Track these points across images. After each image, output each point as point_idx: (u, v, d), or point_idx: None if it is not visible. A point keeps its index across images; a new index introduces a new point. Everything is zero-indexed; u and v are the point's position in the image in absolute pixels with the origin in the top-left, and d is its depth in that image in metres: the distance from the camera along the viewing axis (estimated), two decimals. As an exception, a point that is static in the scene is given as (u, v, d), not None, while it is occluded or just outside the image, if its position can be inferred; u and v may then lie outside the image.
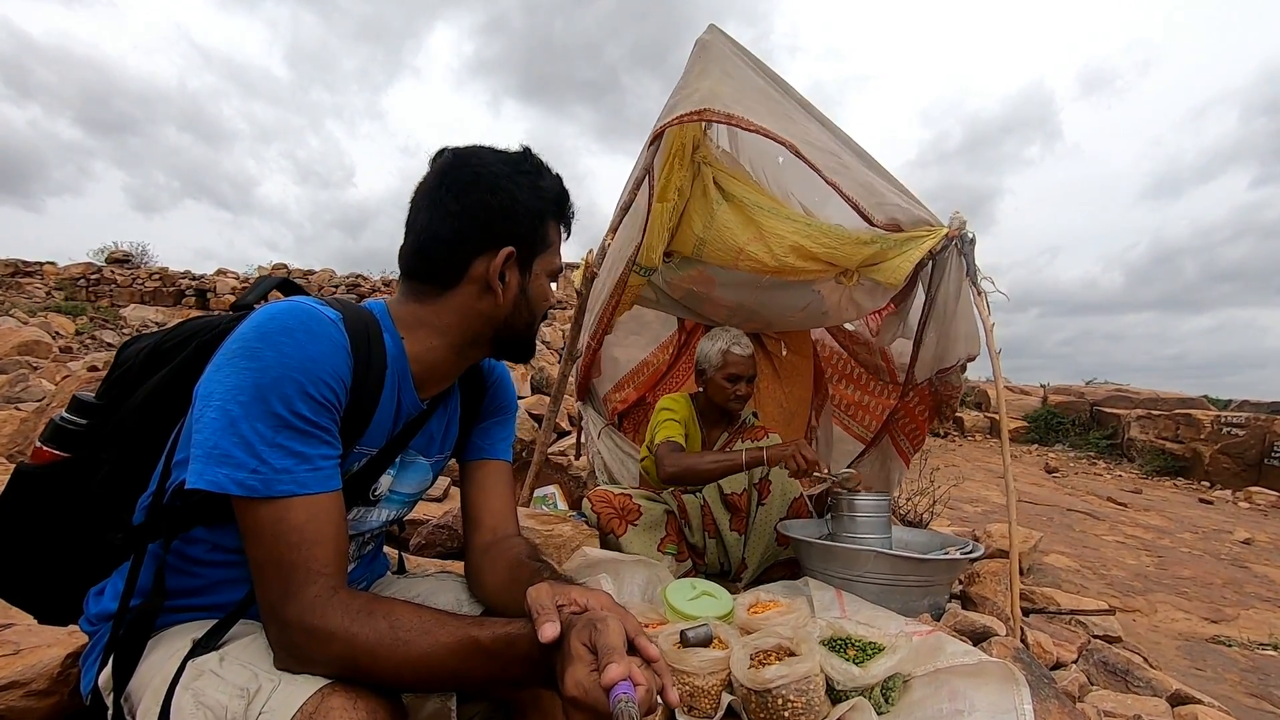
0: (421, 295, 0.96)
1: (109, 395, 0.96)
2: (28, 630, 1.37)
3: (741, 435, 2.43)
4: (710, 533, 2.35)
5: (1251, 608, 3.97)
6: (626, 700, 0.58)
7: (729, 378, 2.37)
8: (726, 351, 2.36)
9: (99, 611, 0.91)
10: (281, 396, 0.75)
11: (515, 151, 0.98)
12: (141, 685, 0.79)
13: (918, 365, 2.76)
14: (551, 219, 1.00)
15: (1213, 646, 3.18)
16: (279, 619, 0.74)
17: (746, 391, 2.40)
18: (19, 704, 1.22)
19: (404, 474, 1.04)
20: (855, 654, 1.45)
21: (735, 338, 2.40)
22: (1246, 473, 9.05)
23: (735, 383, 2.37)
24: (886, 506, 2.12)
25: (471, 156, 0.95)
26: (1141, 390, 12.34)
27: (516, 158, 0.97)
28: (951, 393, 2.77)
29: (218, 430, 0.74)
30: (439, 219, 0.93)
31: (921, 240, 2.01)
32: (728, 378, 2.37)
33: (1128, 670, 2.02)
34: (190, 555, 0.88)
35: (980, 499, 6.42)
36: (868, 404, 3.34)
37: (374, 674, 0.72)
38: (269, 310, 0.80)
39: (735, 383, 2.37)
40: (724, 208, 2.15)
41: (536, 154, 0.99)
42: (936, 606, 1.96)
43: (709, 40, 1.93)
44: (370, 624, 0.72)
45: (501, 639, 0.71)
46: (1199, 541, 5.73)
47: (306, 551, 0.75)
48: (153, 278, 14.22)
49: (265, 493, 0.74)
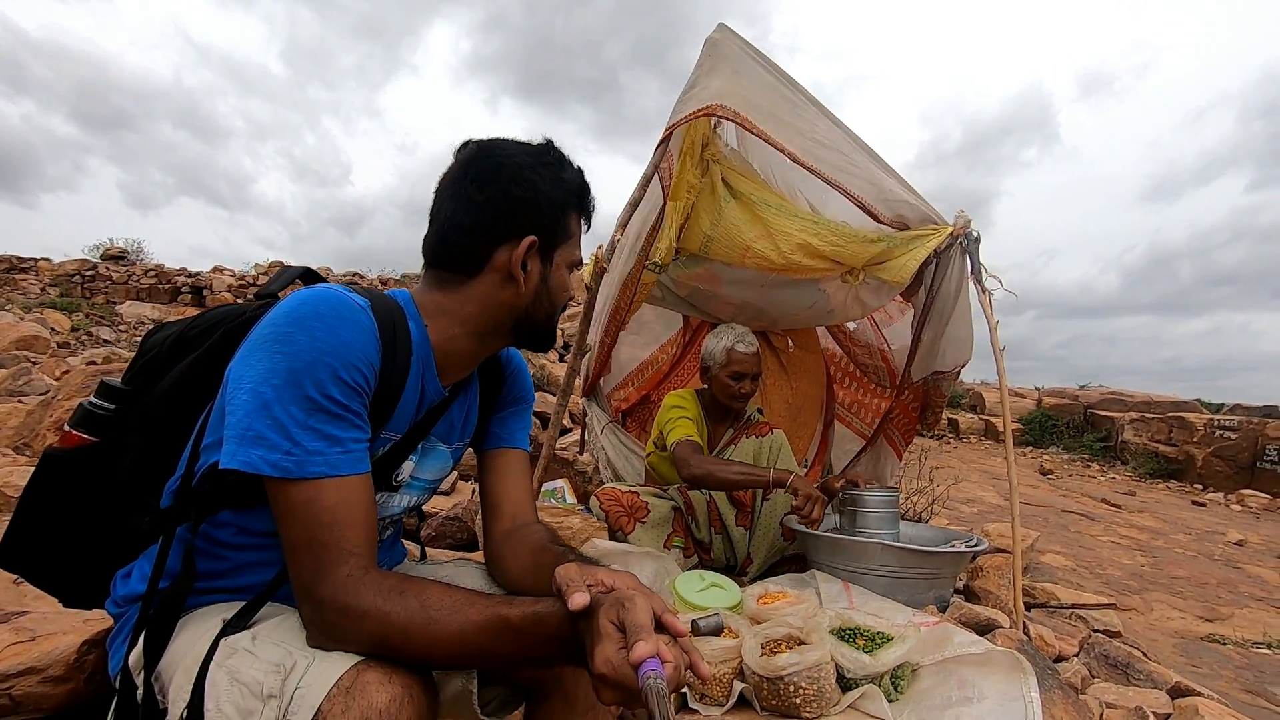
0: (444, 284, 0.97)
1: (135, 381, 0.97)
2: (44, 618, 1.38)
3: (746, 431, 2.45)
4: (716, 528, 2.37)
5: (1245, 607, 4.01)
6: (655, 677, 0.58)
7: (733, 375, 2.38)
8: (731, 349, 2.37)
9: (127, 593, 0.91)
10: (314, 380, 0.76)
11: (538, 144, 0.99)
12: (173, 664, 0.80)
13: (915, 363, 2.78)
14: (573, 210, 1.01)
15: (1208, 644, 3.21)
16: (312, 598, 0.75)
17: (750, 389, 2.41)
18: (35, 690, 1.23)
19: (425, 461, 1.05)
20: (864, 643, 1.47)
21: (740, 335, 2.41)
22: (1239, 475, 9.12)
23: (739, 380, 2.38)
24: (895, 501, 2.14)
25: (495, 148, 0.97)
26: (1135, 393, 12.42)
27: (540, 149, 0.98)
28: (939, 398, 2.80)
29: (251, 412, 0.75)
30: (462, 208, 0.94)
31: (927, 239, 2.03)
32: (731, 375, 2.38)
33: (1128, 663, 2.05)
34: (217, 538, 0.89)
35: (976, 499, 6.45)
36: (867, 402, 3.38)
37: (406, 651, 0.73)
38: (300, 296, 0.81)
39: (739, 380, 2.38)
40: (731, 205, 2.17)
41: (559, 146, 1.00)
42: (942, 599, 1.98)
43: (719, 39, 1.95)
44: (402, 602, 0.73)
45: (530, 617, 0.72)
46: (1192, 542, 5.79)
47: (339, 532, 0.76)
48: (148, 274, 14.14)
49: (298, 474, 0.75)
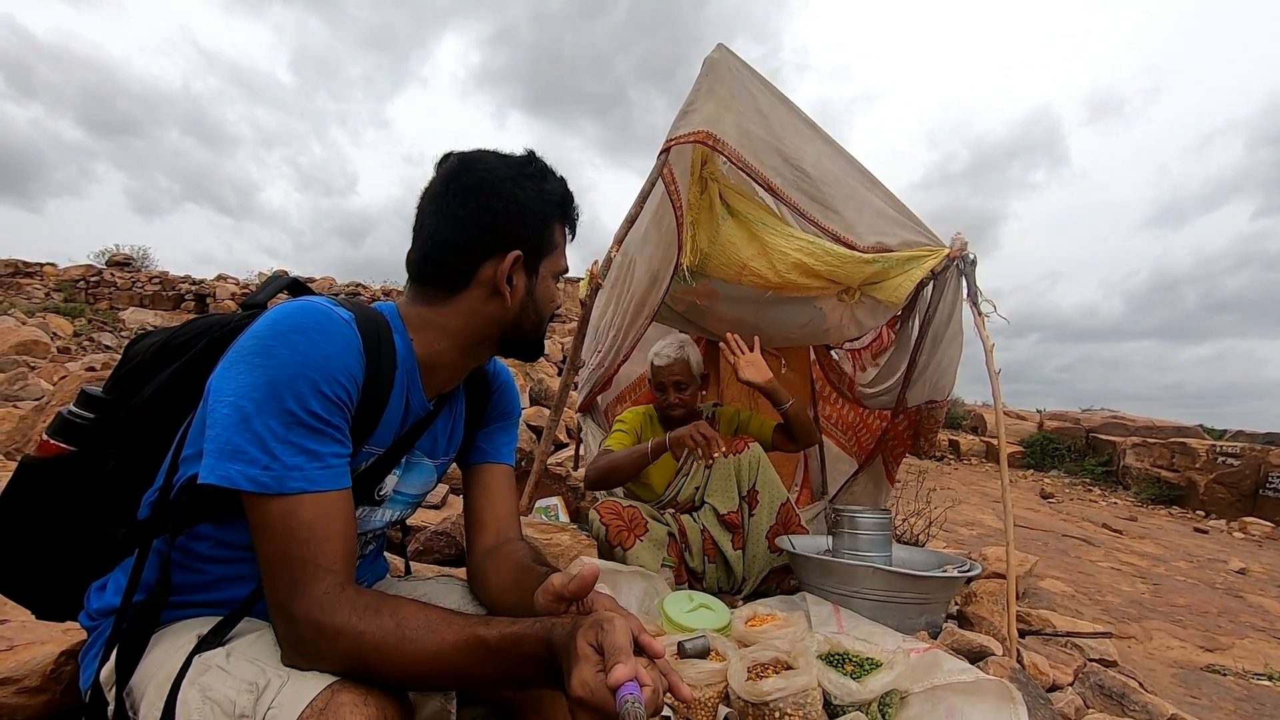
0: (430, 298, 0.97)
1: (117, 390, 0.96)
2: (22, 626, 1.36)
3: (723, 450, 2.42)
4: (711, 557, 2.34)
5: (1246, 637, 3.95)
6: (633, 701, 0.57)
7: (656, 387, 2.40)
8: (651, 361, 2.40)
9: (100, 606, 0.90)
10: (295, 394, 0.76)
11: (520, 156, 0.99)
12: (145, 680, 0.79)
13: (910, 389, 2.75)
14: (557, 221, 1.01)
15: (1207, 675, 3.16)
16: (287, 615, 0.74)
17: (675, 399, 2.38)
18: (11, 700, 1.21)
19: (409, 475, 1.04)
20: (852, 669, 1.45)
21: (662, 346, 2.41)
22: (1241, 503, 9.03)
23: (662, 392, 2.39)
24: (887, 524, 2.12)
25: (476, 161, 0.96)
26: (1137, 418, 12.35)
27: (521, 161, 0.98)
28: (933, 425, 2.78)
29: (231, 426, 0.75)
30: (446, 224, 0.94)
31: (923, 260, 2.04)
32: (656, 387, 2.40)
33: (1124, 694, 2.01)
34: (195, 551, 0.88)
35: (975, 522, 6.40)
36: (857, 421, 3.36)
37: (381, 671, 0.72)
38: (284, 309, 0.81)
39: (662, 392, 2.39)
40: (729, 223, 2.18)
41: (540, 157, 1.00)
42: (933, 625, 1.95)
43: (717, 59, 1.96)
44: (377, 621, 0.72)
45: (508, 638, 0.71)
46: (1194, 570, 5.72)
47: (316, 548, 0.75)
48: (152, 281, 14.20)
49: (277, 489, 0.75)
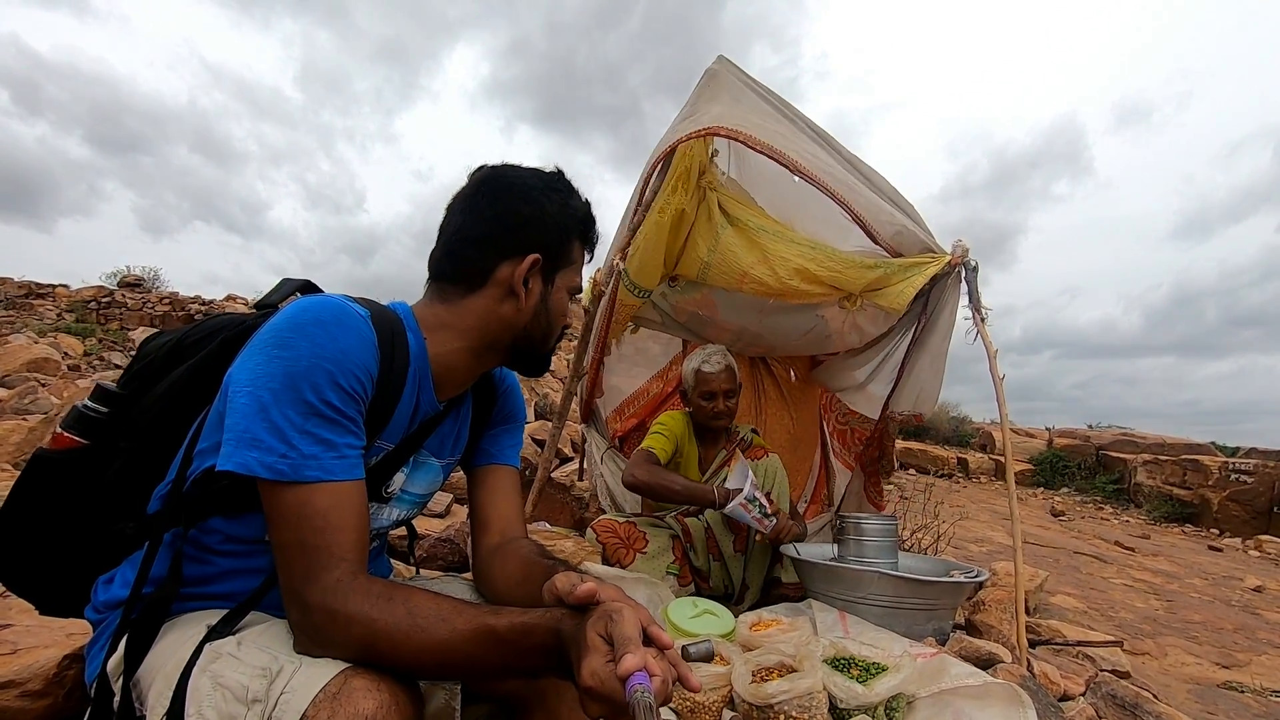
0: (446, 296, 0.99)
1: (131, 386, 0.98)
2: (25, 630, 1.36)
3: (741, 454, 2.42)
4: (714, 555, 2.33)
5: (1264, 654, 3.88)
6: (643, 691, 0.58)
7: (704, 395, 2.38)
8: (698, 370, 2.38)
9: (108, 599, 0.91)
10: (312, 385, 0.78)
11: (550, 171, 1.05)
12: (153, 669, 0.79)
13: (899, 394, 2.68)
14: (577, 237, 1.05)
15: (1224, 691, 3.10)
16: (301, 602, 0.75)
17: (725, 407, 2.38)
18: (13, 704, 1.21)
19: (416, 474, 1.05)
20: (859, 673, 1.43)
21: (708, 355, 2.40)
22: (1256, 520, 8.90)
23: (711, 400, 2.37)
24: (894, 530, 2.11)
25: (509, 169, 1.03)
26: (1148, 435, 12.23)
27: (551, 176, 1.04)
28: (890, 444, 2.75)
29: (248, 415, 0.76)
30: (471, 221, 0.98)
31: (925, 266, 2.05)
32: (703, 395, 2.38)
33: (1136, 704, 1.98)
34: (205, 544, 0.89)
35: (985, 539, 6.32)
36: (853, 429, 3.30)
37: (392, 659, 0.72)
38: (302, 303, 0.83)
39: (711, 400, 2.37)
40: (729, 232, 2.20)
41: (568, 177, 1.06)
42: (941, 631, 1.93)
43: (718, 70, 2.01)
44: (390, 609, 0.73)
45: (518, 628, 0.71)
46: (1209, 587, 5.63)
47: (330, 536, 0.76)
48: (163, 302, 14.35)
49: (293, 477, 0.76)
